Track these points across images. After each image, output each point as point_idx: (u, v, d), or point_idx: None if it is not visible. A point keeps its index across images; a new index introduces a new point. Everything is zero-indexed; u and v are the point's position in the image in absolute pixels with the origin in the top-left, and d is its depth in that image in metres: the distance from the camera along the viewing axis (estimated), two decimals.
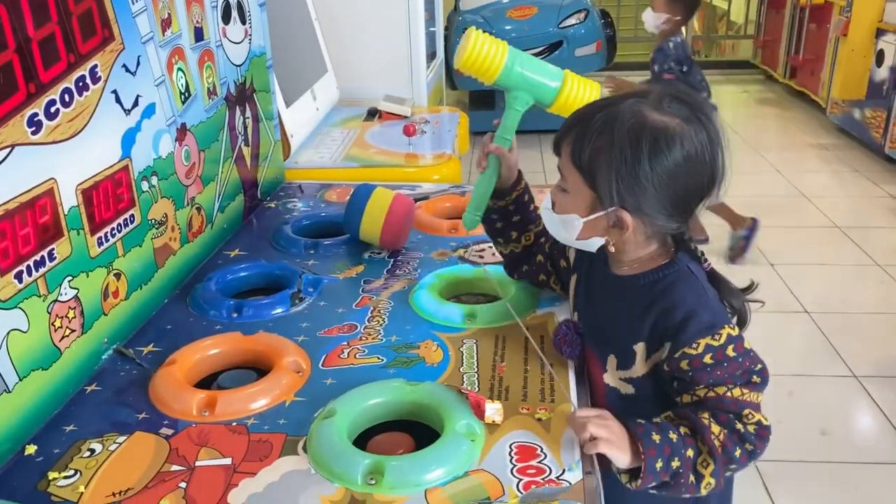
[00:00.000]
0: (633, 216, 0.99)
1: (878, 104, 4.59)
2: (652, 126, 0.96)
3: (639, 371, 1.04)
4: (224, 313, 1.30)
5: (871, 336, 2.83)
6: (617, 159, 0.96)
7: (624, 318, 1.05)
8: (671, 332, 0.98)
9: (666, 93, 1.00)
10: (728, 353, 0.96)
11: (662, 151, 0.95)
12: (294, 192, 1.90)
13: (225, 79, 1.59)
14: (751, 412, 0.96)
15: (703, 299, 0.99)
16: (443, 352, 1.17)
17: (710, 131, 0.98)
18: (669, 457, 0.93)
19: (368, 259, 1.51)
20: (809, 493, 2.06)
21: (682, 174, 0.96)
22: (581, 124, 1.01)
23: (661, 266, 1.03)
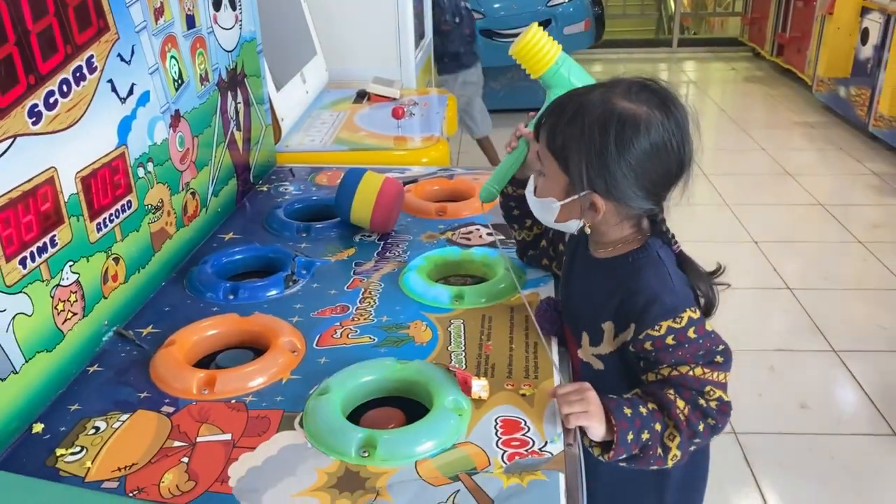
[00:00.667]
0: (605, 200, 1.03)
1: (863, 82, 4.64)
2: (620, 113, 1.00)
3: (607, 348, 1.10)
4: (220, 295, 1.34)
5: (852, 311, 2.90)
6: (587, 145, 1.01)
7: (595, 297, 1.11)
8: (635, 315, 1.04)
9: (635, 82, 1.04)
10: (689, 335, 1.01)
11: (629, 138, 0.99)
12: (285, 175, 1.93)
13: (216, 65, 1.61)
14: (712, 389, 1.02)
15: (667, 284, 1.04)
16: (431, 331, 1.22)
17: (677, 118, 1.02)
18: (640, 430, 0.99)
19: (359, 242, 1.55)
20: (788, 464, 2.14)
21: (648, 159, 1.00)
22: (556, 112, 1.06)
23: (631, 251, 1.08)
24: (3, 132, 0.97)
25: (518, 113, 6.12)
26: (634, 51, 7.27)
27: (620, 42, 7.30)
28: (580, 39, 5.14)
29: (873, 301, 2.98)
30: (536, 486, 0.90)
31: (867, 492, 2.05)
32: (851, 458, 2.16)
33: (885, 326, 2.79)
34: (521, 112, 5.67)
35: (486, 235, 1.56)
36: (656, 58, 7.18)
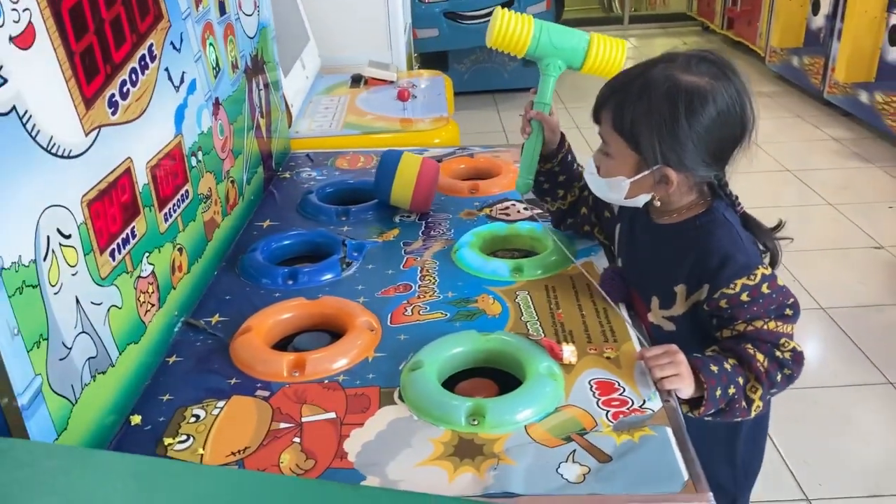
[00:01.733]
0: (677, 171, 1.08)
1: (816, 51, 4.80)
2: (686, 87, 1.05)
3: (679, 310, 1.15)
4: (279, 281, 1.34)
5: (830, 270, 3.03)
6: (657, 121, 1.05)
7: (665, 262, 1.15)
8: (709, 275, 1.09)
9: (692, 55, 1.09)
10: (763, 291, 1.07)
11: (697, 109, 1.04)
12: (303, 161, 1.93)
13: (243, 52, 1.60)
14: (786, 340, 1.08)
15: (737, 243, 1.09)
16: (500, 304, 1.24)
17: (736, 85, 1.07)
18: (726, 385, 1.04)
19: (400, 223, 1.56)
20: (795, 416, 2.23)
21: (716, 127, 1.06)
22: (619, 92, 1.10)
23: (698, 214, 1.13)
24: (91, 123, 0.96)
25: (483, 95, 6.11)
26: (586, 29, 7.32)
27: (574, 21, 7.37)
28: (543, 19, 5.18)
29: (849, 259, 3.12)
30: (648, 441, 0.94)
31: (870, 435, 2.16)
32: (851, 408, 2.28)
33: (863, 281, 2.92)
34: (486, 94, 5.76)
35: (523, 210, 1.59)
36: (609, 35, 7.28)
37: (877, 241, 3.21)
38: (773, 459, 2.08)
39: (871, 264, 3.05)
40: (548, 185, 1.36)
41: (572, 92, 5.64)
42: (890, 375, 2.38)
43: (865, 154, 4.12)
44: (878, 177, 3.87)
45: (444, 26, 4.98)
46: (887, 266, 3.03)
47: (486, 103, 5.34)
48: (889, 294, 2.82)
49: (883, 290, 2.86)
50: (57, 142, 0.88)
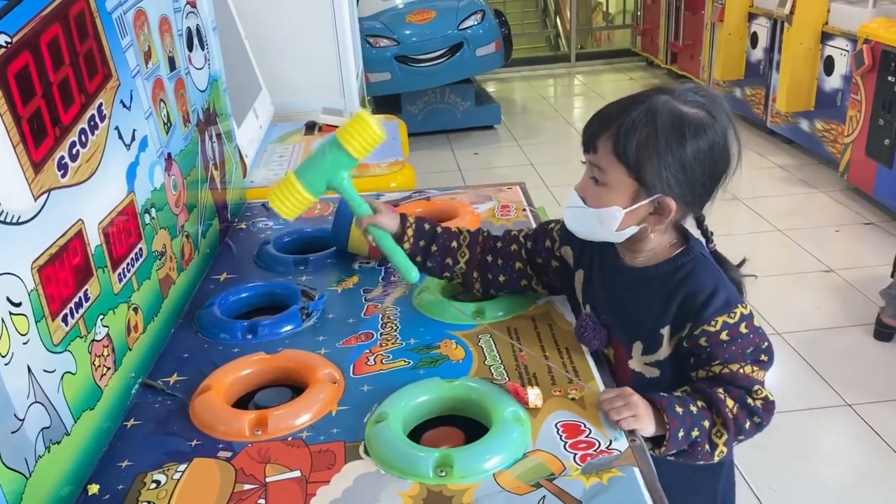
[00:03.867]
0: (676, 201, 1.07)
1: (757, 82, 4.97)
2: (689, 117, 1.05)
3: (664, 353, 1.14)
4: (238, 335, 1.32)
5: (783, 295, 3.10)
6: (663, 148, 1.04)
7: (649, 306, 1.14)
8: (694, 312, 1.09)
9: (686, 88, 1.09)
10: (741, 330, 1.08)
11: (700, 139, 1.04)
12: (259, 211, 1.91)
13: (195, 105, 1.59)
14: (759, 388, 1.08)
15: (720, 280, 1.11)
16: (463, 349, 1.24)
17: (723, 122, 1.08)
18: (690, 427, 1.05)
19: (359, 269, 1.56)
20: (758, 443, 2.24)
21: (708, 160, 1.06)
22: (619, 120, 1.07)
23: (677, 255, 1.13)
24: (40, 187, 0.94)
25: (437, 135, 6.17)
26: (537, 68, 7.52)
27: (523, 60, 7.53)
28: (492, 60, 5.28)
29: (801, 283, 3.19)
30: (617, 482, 0.94)
31: (832, 458, 2.20)
32: (813, 431, 2.32)
33: (818, 306, 2.99)
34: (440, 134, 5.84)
35: None
36: (558, 73, 7.44)
37: (826, 264, 3.30)
38: (740, 487, 2.08)
39: (823, 288, 3.13)
40: (429, 263, 1.30)
41: (524, 130, 5.75)
42: (848, 397, 2.43)
43: (810, 180, 4.26)
44: (823, 202, 3.99)
45: (395, 70, 5.04)
46: (838, 289, 3.11)
47: (440, 143, 5.39)
48: (841, 316, 2.90)
49: (835, 312, 2.93)
50: (5, 209, 0.86)
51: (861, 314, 2.86)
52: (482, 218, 1.78)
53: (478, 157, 5.13)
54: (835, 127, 4.14)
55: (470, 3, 5.24)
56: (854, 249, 3.46)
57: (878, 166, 3.63)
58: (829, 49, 4.14)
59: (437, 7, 5.21)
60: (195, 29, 1.64)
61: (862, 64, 3.64)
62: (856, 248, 3.48)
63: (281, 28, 2.66)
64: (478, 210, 1.82)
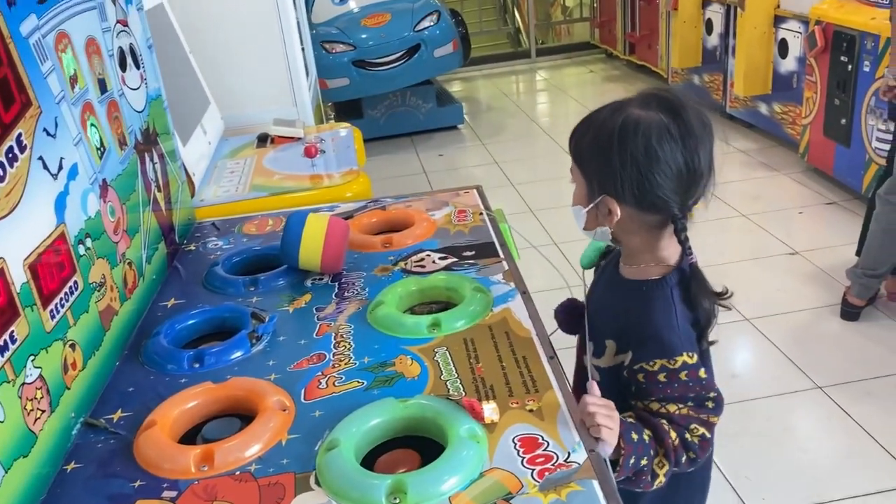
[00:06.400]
0: (618, 204, 1.08)
1: (714, 68, 5.00)
2: (625, 118, 1.06)
3: (605, 363, 1.16)
4: (185, 365, 1.27)
5: (750, 281, 3.11)
6: (597, 150, 1.08)
7: (607, 312, 1.17)
8: (635, 344, 1.10)
9: (648, 93, 1.10)
10: (680, 377, 1.07)
11: (631, 139, 1.04)
12: (209, 230, 1.86)
13: (131, 127, 1.54)
14: (696, 427, 1.08)
15: (671, 323, 1.09)
16: (419, 365, 1.20)
17: (688, 123, 1.06)
18: (641, 455, 1.05)
19: (312, 286, 1.51)
20: (733, 432, 2.25)
21: (652, 161, 1.04)
22: (580, 124, 1.13)
23: (650, 280, 1.13)
24: None
25: (401, 138, 6.13)
26: (497, 65, 7.50)
27: (484, 58, 7.51)
28: (450, 61, 5.25)
29: (767, 268, 3.20)
30: (575, 498, 0.91)
31: (807, 443, 2.19)
32: (786, 416, 2.31)
33: (784, 289, 3.00)
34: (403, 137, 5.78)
35: (438, 260, 1.56)
36: (518, 69, 7.43)
37: (791, 247, 3.31)
38: (714, 478, 2.07)
39: (788, 271, 3.14)
40: None
41: (488, 128, 5.72)
42: (818, 380, 2.44)
43: (772, 163, 4.28)
44: (785, 184, 4.01)
45: (353, 75, 4.99)
46: (803, 271, 3.12)
47: (404, 146, 5.35)
48: (807, 299, 2.90)
49: (801, 295, 2.94)
50: None
51: (826, 295, 2.87)
52: (438, 225, 1.74)
53: (443, 158, 5.10)
54: (793, 109, 4.16)
55: (425, 4, 5.20)
56: (818, 230, 3.48)
57: (836, 146, 3.65)
58: (783, 32, 4.16)
59: (392, 10, 5.17)
60: (128, 48, 1.59)
61: (815, 45, 3.66)
62: (819, 228, 3.49)
63: (227, 40, 2.60)
64: (434, 217, 1.79)
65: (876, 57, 3.29)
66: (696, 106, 1.10)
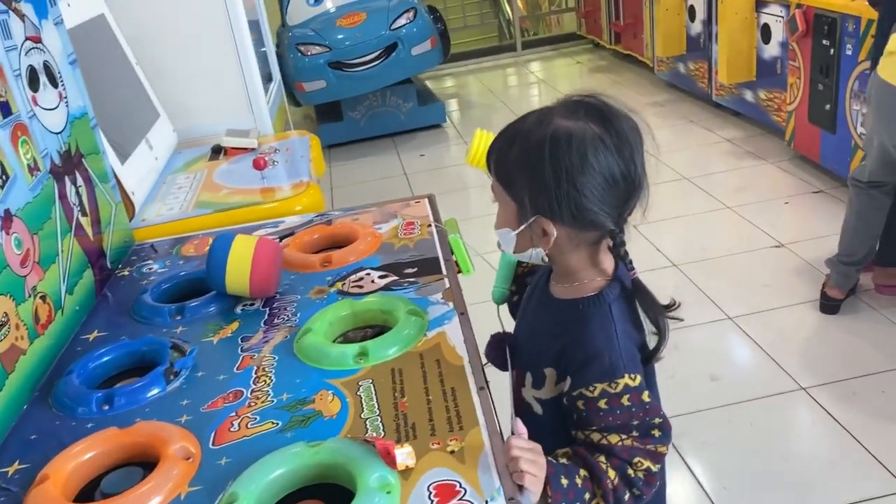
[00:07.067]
0: (554, 223, 0.99)
1: (699, 56, 4.88)
2: (553, 131, 0.96)
3: (546, 394, 1.06)
4: (94, 408, 1.18)
5: (734, 276, 3.01)
6: (526, 168, 0.98)
7: (542, 338, 1.07)
8: (573, 369, 1.00)
9: (573, 100, 1.01)
10: (622, 402, 0.98)
11: (563, 154, 0.95)
12: (147, 253, 1.77)
13: (46, 150, 1.45)
14: (640, 460, 0.99)
15: (611, 342, 1.00)
16: (340, 400, 1.11)
17: (619, 131, 0.97)
18: (573, 501, 0.96)
19: (242, 313, 1.42)
20: (713, 441, 2.16)
21: (585, 175, 0.96)
22: (499, 139, 1.03)
23: (586, 297, 1.04)
24: None
25: (382, 139, 6.03)
26: (482, 60, 7.39)
27: (469, 54, 7.40)
28: (429, 58, 5.14)
29: (752, 262, 3.10)
30: None
31: (790, 450, 2.09)
32: (768, 421, 2.21)
33: (769, 284, 2.90)
34: (385, 138, 5.66)
35: (378, 279, 1.47)
36: (504, 63, 7.32)
37: (777, 239, 3.21)
38: (691, 490, 1.99)
39: (774, 264, 3.04)
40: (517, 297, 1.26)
41: (472, 126, 5.60)
42: (802, 381, 2.34)
43: (758, 152, 4.17)
44: (772, 173, 3.91)
45: (330, 77, 4.89)
46: (788, 265, 3.02)
47: (385, 147, 5.26)
48: (791, 294, 2.80)
49: (785, 290, 2.84)
50: None
51: (811, 290, 2.76)
52: (383, 239, 1.65)
53: (424, 159, 5.00)
54: (778, 95, 4.05)
55: (401, 1, 5.09)
56: (804, 221, 3.38)
57: (821, 132, 3.55)
58: (765, 17, 4.05)
59: (367, 8, 5.06)
60: (41, 66, 1.49)
61: (796, 29, 3.55)
62: (806, 218, 3.39)
63: (177, 49, 2.51)
64: (380, 230, 1.70)
65: (858, 39, 3.18)
66: (624, 111, 1.01)
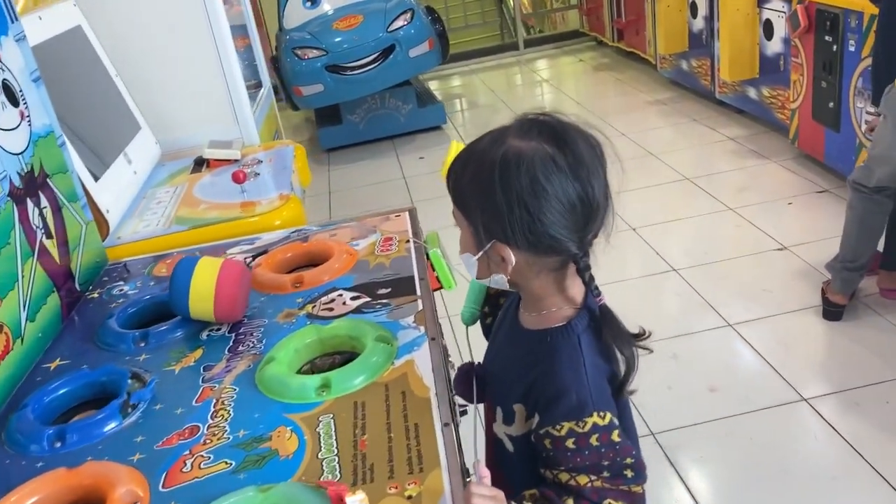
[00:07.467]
0: (510, 248, 0.94)
1: (701, 53, 4.80)
2: (504, 152, 0.91)
3: (517, 431, 1.01)
4: (46, 445, 1.13)
5: (736, 280, 2.93)
6: (478, 192, 0.93)
7: (511, 372, 1.02)
8: (542, 406, 0.95)
9: (527, 119, 0.96)
10: (591, 442, 0.92)
11: (513, 176, 0.90)
12: (119, 273, 1.72)
13: (4, 173, 1.40)
14: (611, 502, 0.94)
15: (579, 378, 0.94)
16: (297, 438, 1.06)
17: (575, 151, 0.92)
18: None
19: (207, 339, 1.37)
20: (710, 456, 2.09)
21: (537, 197, 0.91)
22: (455, 163, 0.98)
23: (554, 328, 0.99)
24: None
25: (382, 142, 5.97)
26: (484, 59, 7.32)
27: (470, 53, 7.34)
28: (427, 59, 5.08)
29: (754, 265, 3.02)
30: None
31: (791, 464, 2.02)
32: (768, 434, 2.14)
33: (771, 289, 2.82)
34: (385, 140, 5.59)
35: (350, 301, 1.41)
36: (507, 62, 7.24)
37: (779, 241, 3.13)
38: None
39: (776, 268, 2.96)
40: (490, 318, 1.21)
41: (472, 127, 5.54)
42: (804, 391, 2.26)
43: (762, 150, 4.09)
44: (775, 172, 3.82)
45: (328, 80, 4.84)
46: (791, 268, 2.94)
47: (385, 150, 5.20)
48: (794, 299, 2.72)
49: (788, 295, 2.76)
50: None
51: (814, 295, 2.68)
52: (359, 257, 1.59)
53: (424, 161, 4.94)
54: (781, 93, 3.96)
55: (398, 3, 5.03)
56: (808, 222, 3.29)
57: (825, 131, 3.46)
58: (767, 12, 3.96)
59: (364, 11, 5.01)
60: (0, 85, 1.44)
61: (798, 25, 3.46)
62: (809, 220, 3.30)
63: (158, 60, 2.46)
64: (357, 247, 1.64)
65: (861, 35, 3.09)
66: (582, 129, 0.95)
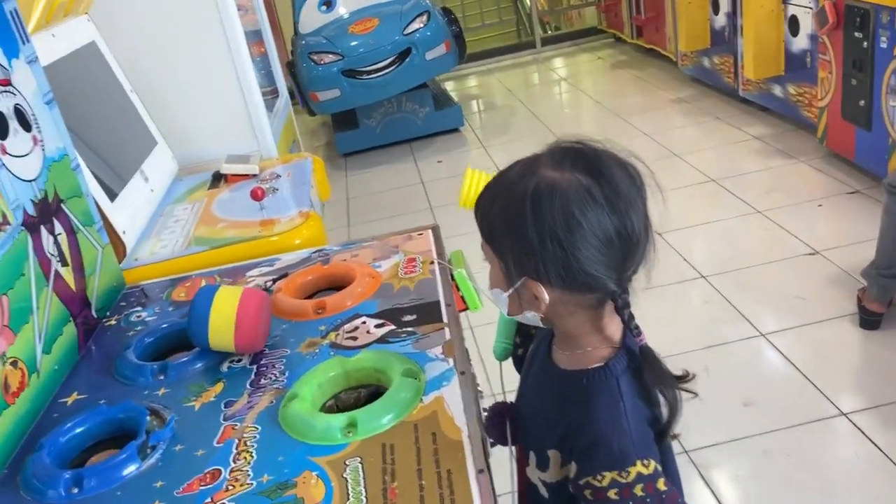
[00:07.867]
0: (544, 286, 0.89)
1: (724, 50, 4.70)
2: (536, 185, 0.86)
3: (552, 477, 0.95)
4: (62, 491, 1.08)
5: (767, 287, 2.85)
6: (509, 226, 0.88)
7: (544, 414, 0.97)
8: (578, 454, 0.89)
9: (559, 148, 0.90)
10: (636, 492, 0.86)
11: (546, 211, 0.85)
12: (138, 298, 1.68)
13: (17, 202, 1.36)
14: None
15: (619, 425, 0.89)
16: (324, 484, 1.00)
17: (612, 181, 0.87)
18: None
19: (228, 371, 1.32)
20: (747, 474, 2.02)
21: (573, 232, 0.85)
22: (484, 196, 0.94)
23: (590, 369, 0.93)
24: None
25: (400, 145, 5.93)
26: (501, 58, 7.24)
27: (487, 52, 7.27)
28: (444, 62, 5.02)
29: (785, 271, 2.94)
30: None
31: (832, 484, 1.95)
32: (806, 451, 2.07)
33: (803, 296, 2.74)
34: (402, 144, 5.53)
35: (374, 329, 1.36)
36: (524, 61, 7.17)
37: (811, 246, 3.04)
38: None
39: (808, 274, 2.87)
40: (521, 350, 1.16)
41: (491, 129, 5.47)
42: (843, 405, 2.18)
43: (789, 150, 3.99)
44: (804, 173, 3.72)
45: (344, 85, 4.79)
46: (824, 273, 2.85)
47: (402, 154, 5.15)
48: (828, 307, 2.63)
49: (822, 302, 2.67)
50: None
51: (848, 302, 2.59)
52: (383, 280, 1.54)
53: (442, 165, 4.88)
54: (808, 90, 3.86)
55: (414, 5, 4.98)
56: (839, 224, 3.20)
57: (856, 129, 3.36)
58: (793, 8, 3.86)
59: (379, 14, 4.96)
60: (11, 110, 1.40)
61: (826, 22, 3.37)
62: (841, 222, 3.21)
63: (174, 73, 2.42)
64: (380, 269, 1.58)
65: (893, 32, 2.99)
66: (619, 157, 0.89)
